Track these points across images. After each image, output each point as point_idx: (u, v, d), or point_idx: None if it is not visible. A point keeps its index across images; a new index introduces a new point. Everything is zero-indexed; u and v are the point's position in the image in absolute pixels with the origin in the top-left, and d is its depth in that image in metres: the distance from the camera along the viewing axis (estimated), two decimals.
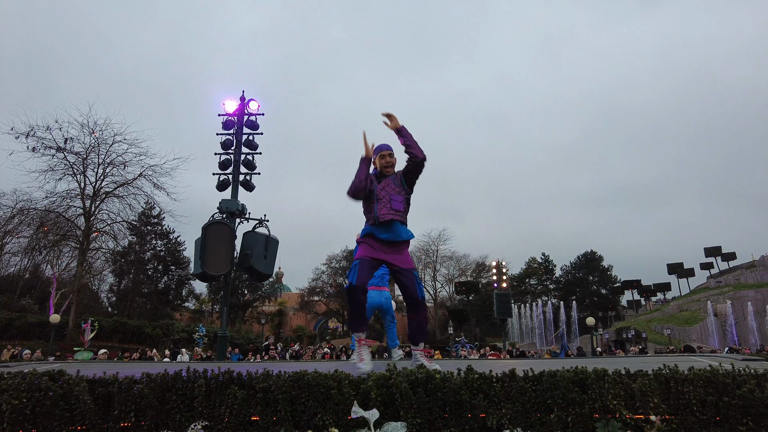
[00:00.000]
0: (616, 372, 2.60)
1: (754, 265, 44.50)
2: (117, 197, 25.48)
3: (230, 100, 12.38)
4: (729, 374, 2.53)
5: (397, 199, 3.95)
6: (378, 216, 3.87)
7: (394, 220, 3.89)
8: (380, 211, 3.88)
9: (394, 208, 3.91)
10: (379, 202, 3.91)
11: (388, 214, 3.87)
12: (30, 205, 25.15)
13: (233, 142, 12.19)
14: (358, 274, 3.75)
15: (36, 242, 26.20)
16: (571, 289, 56.08)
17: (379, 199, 3.92)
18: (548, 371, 2.61)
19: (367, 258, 3.84)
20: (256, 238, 10.95)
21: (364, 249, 3.93)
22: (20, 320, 23.39)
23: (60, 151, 23.33)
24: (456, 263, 52.91)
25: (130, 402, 2.52)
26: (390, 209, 3.89)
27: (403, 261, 3.93)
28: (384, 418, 2.41)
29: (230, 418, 2.49)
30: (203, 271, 10.41)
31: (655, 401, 2.48)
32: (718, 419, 2.41)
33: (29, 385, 2.45)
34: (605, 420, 2.42)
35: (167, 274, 41.89)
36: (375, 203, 3.93)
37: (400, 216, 3.93)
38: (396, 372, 2.63)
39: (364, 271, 3.79)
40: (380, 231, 3.90)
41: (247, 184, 12.10)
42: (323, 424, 2.45)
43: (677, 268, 51.12)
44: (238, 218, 11.59)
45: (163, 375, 2.62)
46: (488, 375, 2.63)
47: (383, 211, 3.88)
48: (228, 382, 2.61)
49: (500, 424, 2.46)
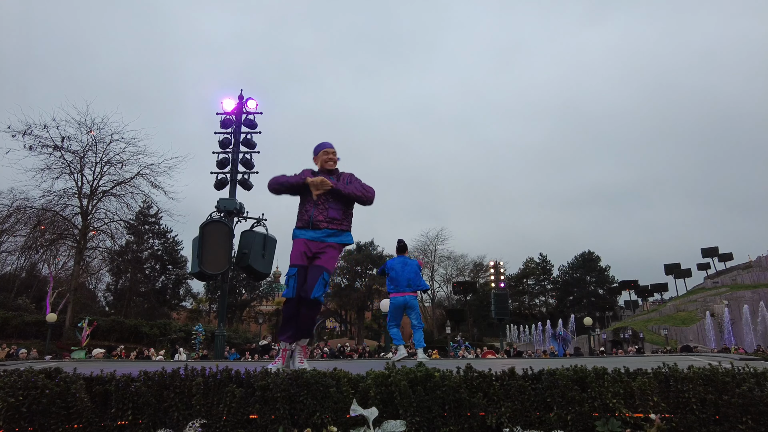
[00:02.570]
0: (616, 371, 2.60)
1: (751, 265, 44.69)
2: (114, 196, 25.44)
3: (228, 98, 12.36)
4: (728, 373, 2.53)
5: (335, 207, 3.91)
6: (313, 222, 3.84)
7: (328, 228, 3.86)
8: (316, 217, 3.85)
9: (330, 216, 3.87)
10: (316, 208, 3.87)
11: (324, 222, 3.85)
12: (27, 204, 25.05)
13: (231, 140, 12.17)
14: (296, 285, 3.74)
15: (33, 241, 26.10)
16: (568, 290, 56.22)
17: (316, 204, 3.88)
18: (547, 370, 2.61)
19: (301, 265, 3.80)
20: (254, 237, 10.92)
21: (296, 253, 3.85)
22: (16, 319, 23.28)
23: (57, 150, 23.26)
24: (454, 263, 52.99)
25: (127, 400, 2.50)
26: (326, 217, 3.86)
27: (322, 259, 3.83)
28: (383, 417, 2.40)
29: (228, 416, 2.48)
30: (201, 270, 10.37)
31: (655, 400, 2.48)
32: (717, 418, 2.41)
33: (26, 383, 2.43)
34: (605, 418, 2.42)
35: (164, 273, 41.84)
36: (312, 207, 3.88)
37: (336, 225, 3.89)
38: (395, 370, 2.62)
39: (301, 282, 3.76)
40: (310, 233, 3.85)
41: (245, 183, 12.08)
42: (322, 422, 2.44)
43: (674, 269, 51.31)
44: (236, 217, 11.57)
45: (160, 373, 2.60)
46: (487, 373, 2.62)
47: (319, 218, 3.85)
48: (226, 380, 2.60)
49: (500, 423, 2.45)
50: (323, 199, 3.88)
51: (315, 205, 3.87)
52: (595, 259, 57.20)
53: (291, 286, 3.74)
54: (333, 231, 3.89)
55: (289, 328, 3.82)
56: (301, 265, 3.80)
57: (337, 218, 3.91)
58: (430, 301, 52.85)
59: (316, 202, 3.87)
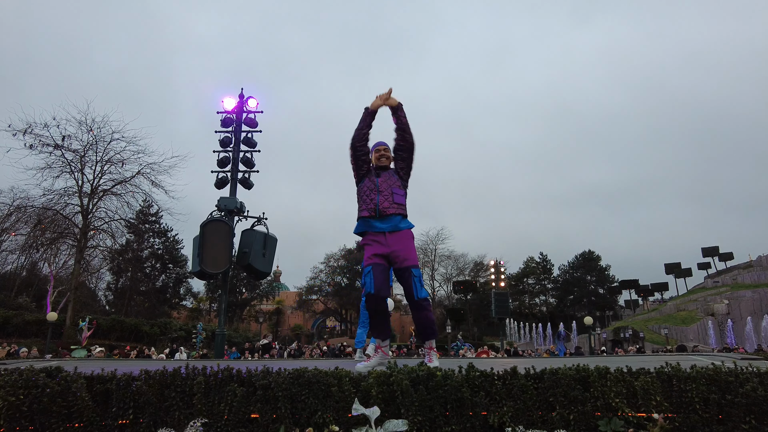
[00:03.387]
0: (618, 370, 2.59)
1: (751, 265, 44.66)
2: (115, 195, 25.39)
3: (229, 97, 12.33)
4: (732, 372, 2.52)
5: (399, 193, 3.94)
6: (380, 209, 3.82)
7: (397, 214, 3.86)
8: (382, 204, 3.84)
9: (396, 201, 3.88)
10: (381, 194, 3.87)
11: (391, 207, 3.84)
12: (27, 203, 25.02)
13: (232, 139, 12.15)
14: (374, 281, 3.69)
15: (33, 240, 26.09)
16: (568, 289, 56.20)
17: (380, 191, 3.88)
18: (550, 369, 2.60)
19: (379, 263, 3.78)
20: (254, 236, 10.92)
21: (372, 250, 3.84)
22: (17, 318, 23.30)
23: (57, 149, 23.23)
24: (454, 262, 53.00)
25: (128, 399, 2.50)
26: (392, 202, 3.86)
27: (404, 258, 3.82)
28: (385, 416, 2.39)
29: (230, 415, 2.47)
30: (201, 269, 10.36)
31: (658, 399, 2.47)
32: (720, 417, 2.40)
33: (26, 381, 2.43)
34: (608, 418, 2.41)
35: (165, 272, 41.83)
36: (377, 194, 3.87)
37: (403, 210, 3.91)
38: (397, 369, 2.61)
39: (378, 276, 3.73)
40: (380, 222, 3.84)
41: (245, 182, 12.06)
42: (323, 421, 2.43)
43: (675, 268, 51.29)
44: (237, 216, 11.56)
45: (161, 372, 2.60)
46: (490, 373, 2.61)
47: (385, 204, 3.84)
48: (227, 379, 2.59)
49: (502, 422, 2.45)
50: (387, 186, 3.91)
51: (379, 192, 3.88)
52: (596, 258, 57.18)
53: (368, 282, 3.71)
54: (401, 216, 3.90)
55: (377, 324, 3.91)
56: (375, 263, 3.77)
57: (403, 203, 3.94)
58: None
59: (379, 188, 3.89)
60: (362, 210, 3.93)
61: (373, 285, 3.68)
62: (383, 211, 3.82)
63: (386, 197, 3.86)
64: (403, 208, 3.93)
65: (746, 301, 37.45)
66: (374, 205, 3.84)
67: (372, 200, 3.87)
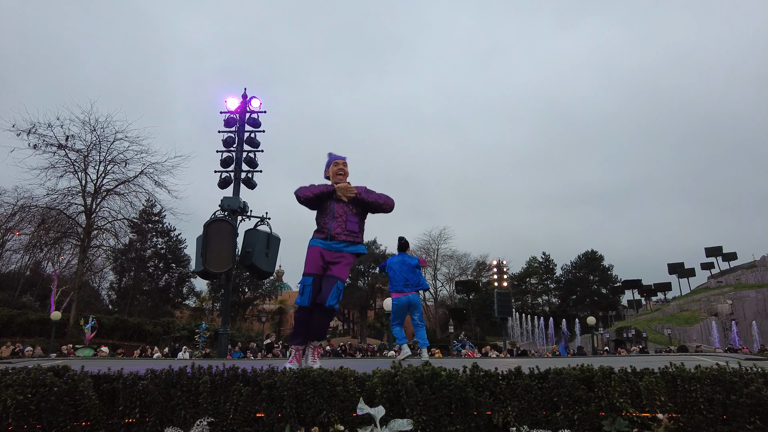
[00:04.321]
0: (623, 370, 2.59)
1: (755, 265, 44.48)
2: (118, 195, 25.44)
3: (232, 97, 12.37)
4: (736, 373, 2.52)
5: (353, 221, 4.02)
6: (332, 234, 3.94)
7: (347, 241, 3.97)
8: (335, 230, 3.95)
9: (348, 229, 3.98)
10: (335, 221, 3.97)
11: (342, 234, 3.96)
12: (31, 203, 25.11)
13: (235, 139, 12.19)
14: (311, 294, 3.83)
15: (37, 239, 26.18)
16: (571, 289, 56.14)
17: (335, 218, 3.98)
18: (554, 369, 2.60)
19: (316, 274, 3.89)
20: (257, 236, 10.94)
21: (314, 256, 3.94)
22: (21, 317, 23.37)
23: (61, 149, 23.29)
24: (456, 262, 52.96)
25: (134, 398, 2.51)
26: (344, 230, 3.97)
27: (337, 269, 3.94)
28: (389, 415, 2.40)
29: (235, 414, 2.49)
30: (204, 268, 10.40)
31: (662, 399, 2.47)
32: (725, 418, 2.40)
33: (34, 380, 2.45)
34: (612, 418, 2.42)
35: (168, 271, 41.91)
36: (330, 220, 3.97)
37: (355, 237, 4.01)
38: (401, 369, 2.62)
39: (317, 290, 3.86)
40: (329, 244, 3.96)
41: (249, 182, 12.10)
42: (328, 420, 2.45)
43: (678, 268, 51.12)
44: (240, 216, 11.59)
45: (167, 371, 2.61)
46: (494, 372, 2.62)
47: (338, 230, 3.95)
48: (233, 378, 2.60)
49: (506, 422, 2.45)
50: (342, 212, 3.99)
51: (333, 218, 3.98)
52: (599, 258, 57.07)
53: (306, 294, 3.84)
54: (350, 243, 4.01)
55: (301, 333, 3.97)
56: (316, 274, 3.90)
57: (355, 231, 4.03)
58: (432, 300, 52.84)
59: (335, 215, 3.98)
60: (317, 231, 4.06)
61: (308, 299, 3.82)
62: (335, 237, 3.95)
63: (340, 224, 3.97)
64: (356, 235, 4.03)
65: (750, 301, 37.30)
66: (327, 231, 3.96)
67: (325, 225, 3.99)
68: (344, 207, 4.01)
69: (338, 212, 3.98)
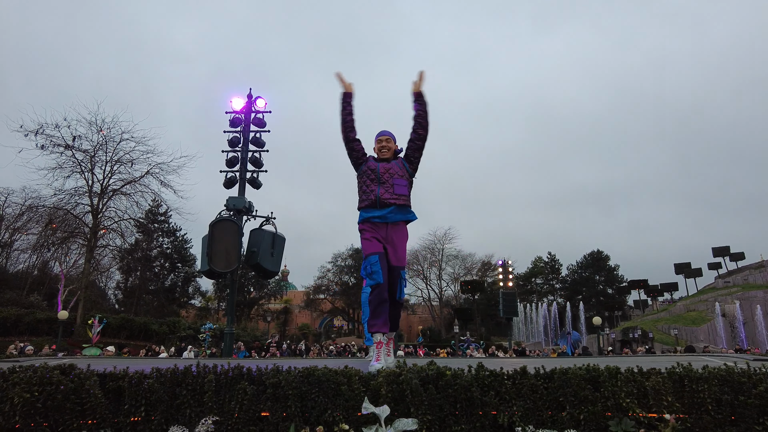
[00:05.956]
0: (629, 370, 2.58)
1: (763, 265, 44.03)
2: (124, 195, 25.59)
3: (237, 97, 12.40)
4: (745, 373, 2.50)
5: (401, 183, 3.89)
6: (381, 199, 3.79)
7: (397, 204, 3.83)
8: (383, 195, 3.80)
9: (397, 192, 3.84)
10: (383, 186, 3.83)
11: (391, 198, 3.81)
12: (38, 203, 25.33)
13: (240, 139, 12.21)
14: (382, 271, 3.69)
15: (44, 239, 26.39)
16: (577, 289, 55.85)
17: (382, 182, 3.84)
18: (560, 369, 2.59)
19: (383, 253, 3.78)
20: (263, 236, 10.96)
21: (372, 235, 3.82)
22: (29, 317, 23.55)
23: (68, 149, 23.46)
24: (462, 262, 52.90)
25: (140, 396, 2.52)
26: (393, 194, 3.82)
27: (399, 257, 3.84)
28: (394, 415, 2.39)
29: (240, 413, 2.49)
30: (210, 268, 10.42)
31: (669, 400, 2.45)
32: (733, 419, 2.38)
33: (41, 378, 2.46)
34: (618, 418, 2.40)
35: (174, 271, 42.09)
36: (377, 185, 3.84)
37: (403, 200, 3.87)
38: (406, 369, 2.61)
39: (385, 267, 3.74)
40: (380, 211, 3.82)
41: (254, 182, 12.12)
42: (333, 420, 2.44)
43: (685, 268, 50.72)
44: (245, 215, 11.61)
45: (173, 370, 2.62)
46: (499, 372, 2.61)
47: (386, 195, 3.81)
48: (238, 377, 2.61)
49: (511, 422, 2.44)
50: (387, 176, 3.86)
51: (380, 183, 3.84)
52: (604, 258, 56.77)
53: (378, 271, 3.68)
54: (401, 207, 3.87)
55: (383, 313, 3.70)
56: (380, 253, 3.76)
57: (405, 194, 3.90)
58: (437, 299, 52.75)
59: (380, 179, 3.84)
60: (362, 201, 3.91)
61: (381, 275, 3.68)
62: (384, 202, 3.80)
63: (387, 188, 3.83)
64: (405, 198, 3.89)
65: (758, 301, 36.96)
66: (375, 197, 3.82)
67: (372, 191, 3.84)
68: (389, 170, 3.86)
69: (384, 177, 3.83)
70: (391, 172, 3.87)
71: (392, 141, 4.06)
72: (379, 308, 3.69)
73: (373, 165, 3.92)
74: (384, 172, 3.87)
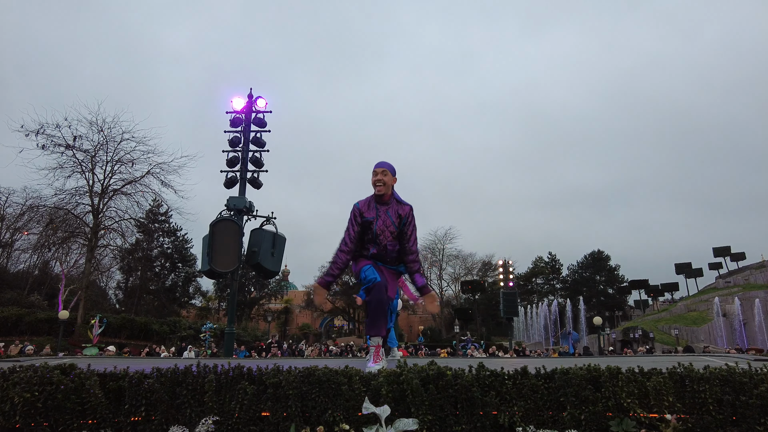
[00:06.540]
0: (630, 370, 2.57)
1: (764, 265, 44.00)
2: (125, 195, 25.63)
3: (238, 97, 12.39)
4: (746, 373, 2.49)
5: (394, 247, 3.89)
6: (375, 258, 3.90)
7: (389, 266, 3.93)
8: (377, 256, 3.89)
9: (390, 257, 3.91)
10: (377, 246, 3.85)
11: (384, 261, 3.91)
12: (39, 203, 25.38)
13: (241, 139, 12.21)
14: (378, 273, 3.73)
15: (45, 239, 26.42)
16: (577, 289, 55.79)
17: (377, 243, 3.84)
18: (561, 369, 2.58)
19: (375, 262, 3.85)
20: (263, 236, 10.95)
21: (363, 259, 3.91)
22: (29, 316, 23.58)
23: (69, 149, 23.50)
24: (462, 262, 52.91)
25: (140, 396, 2.52)
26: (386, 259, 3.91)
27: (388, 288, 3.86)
28: (395, 415, 2.39)
29: (240, 413, 2.49)
30: (211, 267, 10.42)
31: (670, 400, 2.45)
32: (734, 419, 2.37)
33: (41, 378, 2.46)
34: (619, 418, 2.39)
35: (174, 271, 42.13)
36: (372, 245, 3.86)
37: (395, 263, 3.97)
38: (407, 369, 2.61)
39: (380, 270, 3.80)
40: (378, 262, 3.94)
41: (254, 182, 12.12)
42: (334, 420, 2.44)
43: (685, 268, 50.68)
44: (246, 215, 11.61)
45: (173, 370, 2.62)
46: (500, 372, 2.60)
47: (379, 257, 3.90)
48: (238, 377, 2.60)
49: (512, 422, 2.44)
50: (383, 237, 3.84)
51: (375, 244, 3.86)
52: (605, 258, 56.75)
53: (372, 271, 3.71)
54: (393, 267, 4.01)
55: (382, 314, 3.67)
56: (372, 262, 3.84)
57: (396, 257, 3.97)
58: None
59: (376, 239, 3.84)
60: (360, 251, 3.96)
61: (378, 275, 3.72)
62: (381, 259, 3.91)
63: (380, 250, 3.87)
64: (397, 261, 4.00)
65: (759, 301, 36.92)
66: (369, 254, 3.89)
67: (367, 249, 3.90)
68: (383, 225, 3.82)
69: (378, 230, 3.83)
70: (386, 234, 3.83)
71: (389, 173, 3.86)
72: (377, 309, 3.66)
73: (369, 217, 3.83)
74: (380, 233, 3.83)
